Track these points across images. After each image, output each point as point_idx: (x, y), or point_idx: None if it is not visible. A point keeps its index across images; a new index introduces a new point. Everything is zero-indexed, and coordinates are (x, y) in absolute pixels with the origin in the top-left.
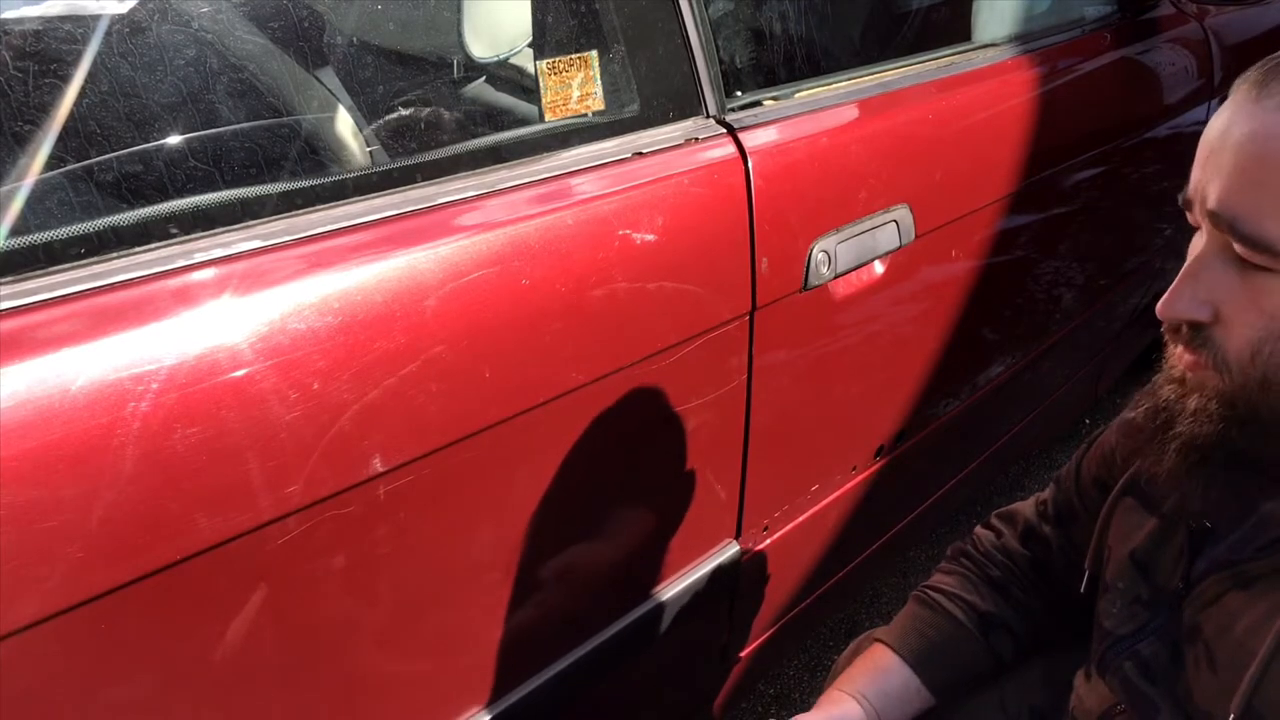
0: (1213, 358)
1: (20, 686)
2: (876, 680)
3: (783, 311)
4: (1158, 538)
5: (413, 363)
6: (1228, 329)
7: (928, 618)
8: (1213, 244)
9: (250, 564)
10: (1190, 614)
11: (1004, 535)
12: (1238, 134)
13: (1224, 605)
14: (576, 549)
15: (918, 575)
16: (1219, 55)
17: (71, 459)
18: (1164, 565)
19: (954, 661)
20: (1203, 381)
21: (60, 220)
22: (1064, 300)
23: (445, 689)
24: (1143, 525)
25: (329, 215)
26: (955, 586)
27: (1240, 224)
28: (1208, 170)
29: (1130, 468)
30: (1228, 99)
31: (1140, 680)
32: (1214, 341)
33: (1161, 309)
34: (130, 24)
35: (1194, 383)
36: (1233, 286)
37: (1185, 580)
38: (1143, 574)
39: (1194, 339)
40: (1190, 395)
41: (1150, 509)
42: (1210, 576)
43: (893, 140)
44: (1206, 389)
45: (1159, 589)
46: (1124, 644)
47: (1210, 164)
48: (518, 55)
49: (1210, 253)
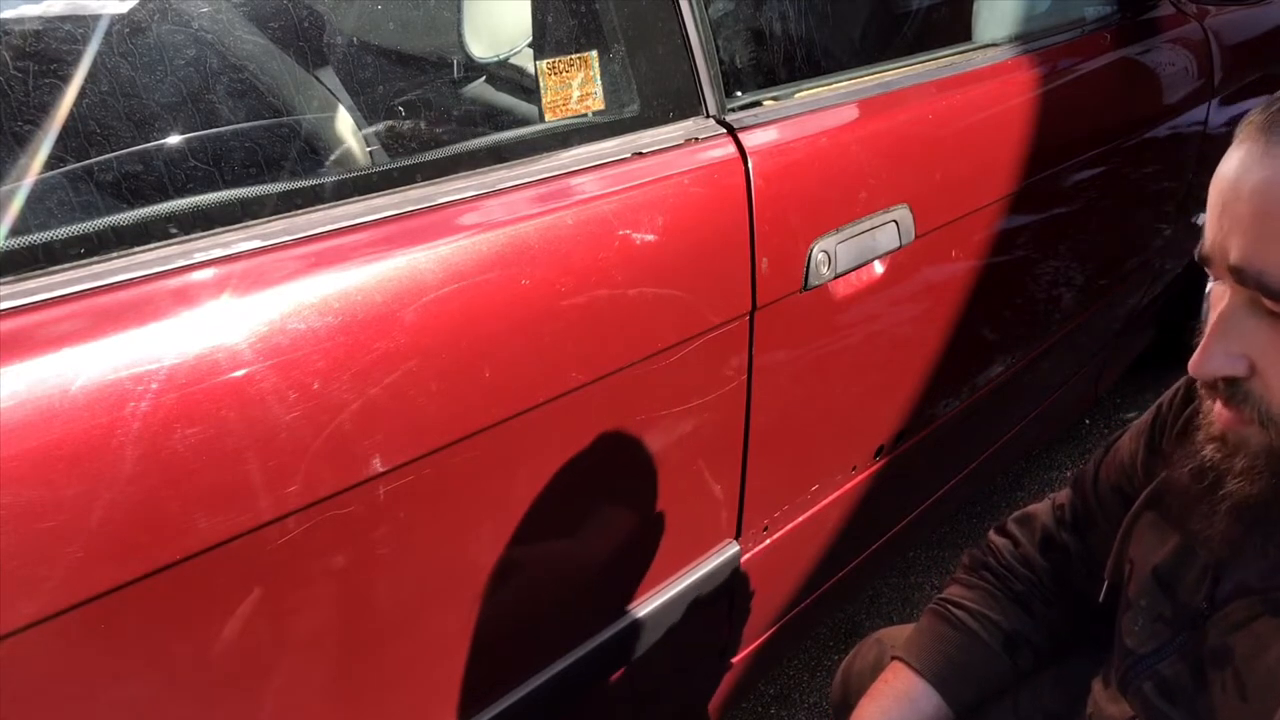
0: (1256, 413)
1: (20, 686)
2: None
3: (783, 311)
4: (1181, 555)
5: (412, 363)
6: (1267, 383)
7: (951, 637)
8: (1239, 297)
9: (250, 564)
10: (1215, 635)
11: (1022, 544)
12: (1252, 184)
13: (1253, 631)
14: (576, 549)
15: (918, 575)
16: (1219, 55)
17: (71, 459)
18: (1187, 584)
19: (979, 682)
20: (1245, 439)
21: (60, 220)
22: (1064, 300)
23: (444, 689)
24: (1165, 542)
25: (329, 215)
26: (977, 603)
27: (1268, 278)
28: (1223, 225)
29: (1153, 480)
30: (1235, 143)
31: (1160, 701)
32: (1254, 396)
33: (1195, 367)
34: (130, 24)
35: (1236, 440)
36: (1267, 339)
37: (1210, 600)
38: (1165, 592)
39: (1232, 395)
40: (1236, 455)
41: (1174, 525)
42: (1238, 600)
43: (893, 140)
44: (1250, 446)
45: (1182, 607)
46: (1145, 663)
47: (1226, 218)
48: (518, 55)
49: (1237, 305)
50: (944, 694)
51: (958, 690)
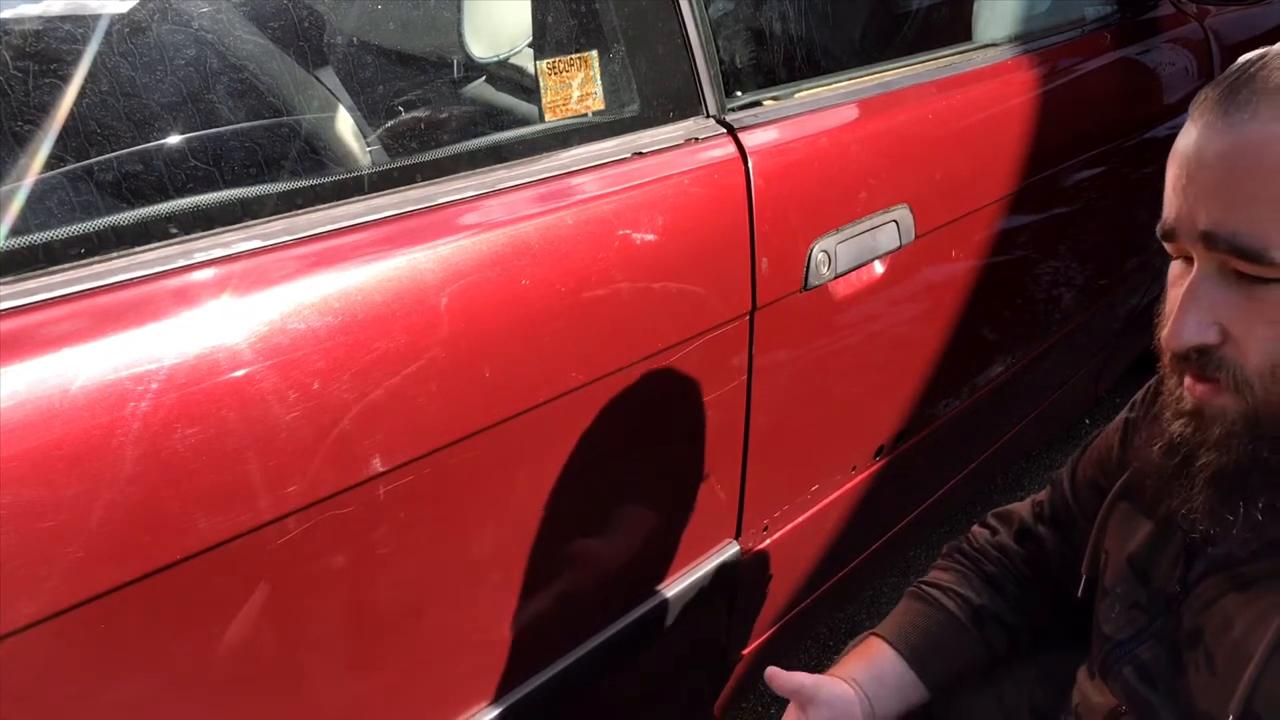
0: (1231, 379)
1: (20, 686)
2: (869, 668)
3: (783, 311)
4: (1155, 542)
5: (413, 363)
6: (1241, 348)
7: (921, 610)
8: (1206, 266)
9: (250, 564)
10: (1189, 617)
11: (1000, 533)
12: (1217, 150)
13: (1222, 607)
14: (576, 549)
15: (917, 575)
16: (1219, 55)
17: (71, 459)
18: (1161, 569)
19: (946, 652)
20: (1222, 409)
21: (60, 220)
22: (1064, 300)
23: (445, 688)
24: (1140, 529)
25: (329, 215)
26: (949, 581)
27: (1241, 239)
28: (1189, 195)
29: (1126, 472)
30: (1189, 122)
31: (1140, 685)
32: (1228, 362)
33: (1168, 338)
34: (130, 24)
35: (1213, 411)
36: (1238, 304)
37: (1183, 584)
38: (1140, 578)
39: (1206, 365)
40: (1211, 426)
41: (1147, 513)
42: (1208, 579)
43: (893, 140)
44: (1228, 415)
45: (1157, 592)
46: (1123, 649)
47: (1192, 188)
48: (518, 55)
49: (1204, 275)
50: (910, 660)
51: (923, 659)
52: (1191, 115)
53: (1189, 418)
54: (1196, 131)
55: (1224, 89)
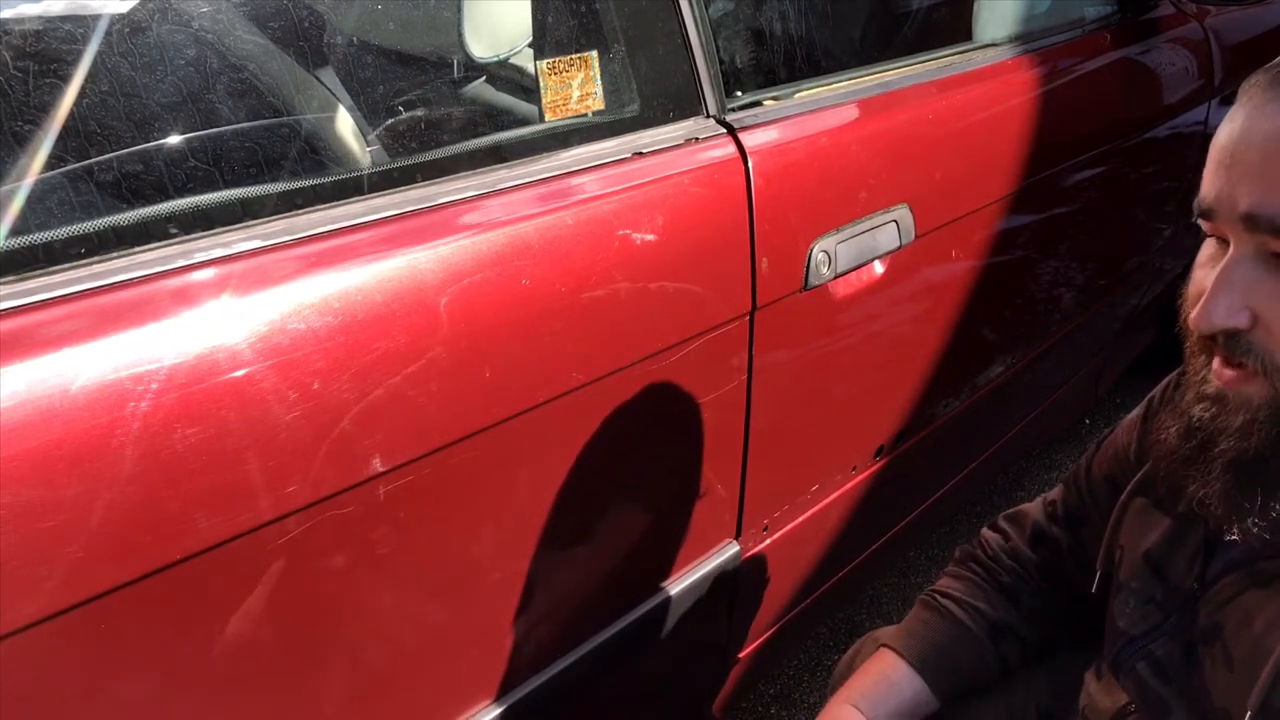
0: (1260, 364)
1: (21, 686)
2: (887, 695)
3: (783, 311)
4: (1172, 537)
5: (413, 363)
6: (1272, 333)
7: (936, 624)
8: (1243, 249)
9: (250, 564)
10: (1206, 614)
11: (1012, 538)
12: (1264, 133)
13: (1241, 603)
14: (576, 549)
15: (917, 576)
16: (1219, 55)
17: (71, 459)
18: (1179, 565)
19: (963, 669)
20: (1248, 398)
21: (60, 220)
22: (1064, 300)
23: (445, 688)
24: (1156, 525)
25: (329, 215)
26: (964, 593)
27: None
28: (1231, 176)
29: (1143, 467)
30: (1236, 105)
31: (1154, 680)
32: (1256, 348)
33: (1197, 319)
34: (130, 24)
35: (1238, 400)
36: (1270, 289)
37: (1201, 580)
38: (1157, 574)
39: (1234, 349)
40: (1234, 414)
41: (1164, 509)
42: (1228, 575)
43: (893, 140)
44: (1253, 403)
45: (1173, 589)
46: (1137, 644)
47: (1235, 169)
48: (518, 55)
49: (1240, 258)
50: (926, 678)
51: (940, 674)
52: (1239, 98)
53: (1211, 402)
54: (1244, 114)
55: (1274, 73)
